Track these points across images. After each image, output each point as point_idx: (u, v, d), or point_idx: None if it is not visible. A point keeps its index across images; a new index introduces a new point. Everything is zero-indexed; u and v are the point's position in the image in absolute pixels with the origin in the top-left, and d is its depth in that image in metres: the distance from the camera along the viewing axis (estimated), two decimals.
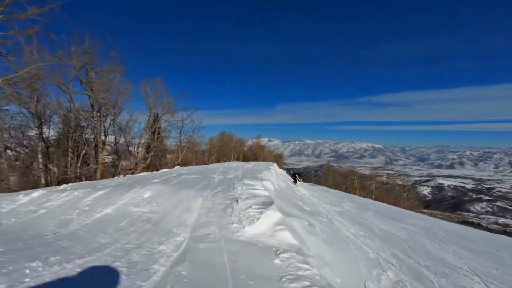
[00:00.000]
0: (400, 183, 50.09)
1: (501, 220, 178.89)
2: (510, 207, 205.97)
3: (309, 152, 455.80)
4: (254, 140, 66.04)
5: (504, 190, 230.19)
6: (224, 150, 49.33)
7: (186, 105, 32.25)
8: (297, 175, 23.67)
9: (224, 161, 42.86)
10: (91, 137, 21.31)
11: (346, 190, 45.87)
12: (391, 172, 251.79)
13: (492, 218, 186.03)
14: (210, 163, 37.34)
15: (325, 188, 32.21)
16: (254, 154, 57.20)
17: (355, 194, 42.97)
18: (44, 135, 19.60)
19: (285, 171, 37.04)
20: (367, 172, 69.93)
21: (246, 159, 56.27)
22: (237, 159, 55.67)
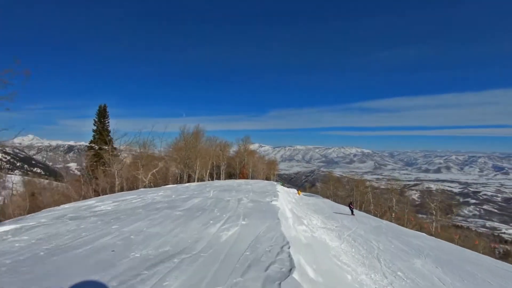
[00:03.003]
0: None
1: (488, 223, 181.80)
2: (496, 210, 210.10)
3: (300, 158, 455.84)
4: (241, 144, 55.55)
5: (489, 193, 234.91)
6: (193, 157, 36.53)
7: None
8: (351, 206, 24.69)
9: (187, 176, 35.44)
10: None
11: (359, 207, 43.15)
12: (380, 177, 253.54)
13: (480, 221, 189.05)
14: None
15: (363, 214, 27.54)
16: (242, 162, 51.00)
17: (369, 210, 40.53)
18: None
19: (279, 181, 34.63)
20: (356, 177, 67.59)
21: (230, 167, 51.47)
22: (217, 168, 48.53)
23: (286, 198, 21.61)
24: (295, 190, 43.54)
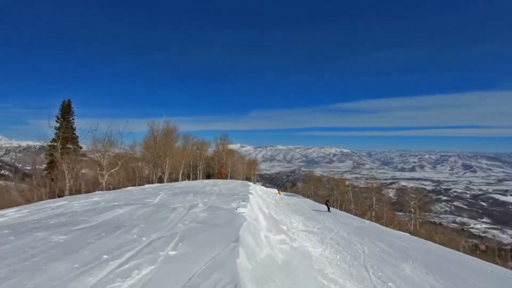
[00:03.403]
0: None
1: (458, 219, 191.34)
2: (465, 207, 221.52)
3: (281, 158, 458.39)
4: (219, 143, 52.04)
5: (459, 190, 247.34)
6: (163, 155, 32.69)
7: None
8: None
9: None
10: None
11: (340, 206, 42.98)
12: (358, 176, 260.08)
13: (450, 217, 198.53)
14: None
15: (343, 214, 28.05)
16: (220, 161, 48.54)
17: (350, 210, 40.16)
18: None
19: (260, 181, 33.21)
20: (336, 177, 67.83)
21: (209, 168, 49.22)
22: (194, 168, 46.29)
23: (265, 199, 20.26)
24: (275, 190, 42.58)
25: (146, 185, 18.92)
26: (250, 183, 22.09)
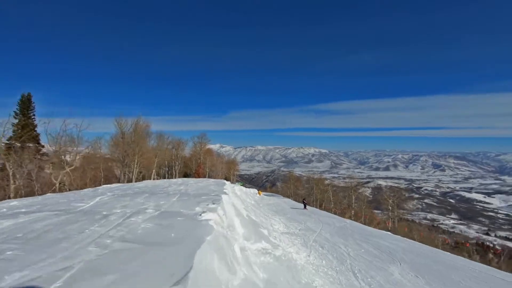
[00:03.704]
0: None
1: (429, 216, 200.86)
2: (435, 204, 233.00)
3: (261, 158, 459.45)
4: (197, 142, 48.88)
5: (430, 188, 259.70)
6: (132, 153, 29.45)
7: None
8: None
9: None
10: None
11: (319, 205, 42.79)
12: (336, 175, 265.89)
13: (422, 214, 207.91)
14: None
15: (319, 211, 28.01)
16: (198, 161, 46.89)
17: (330, 209, 39.86)
18: None
19: (240, 182, 32.06)
20: (315, 176, 68.06)
21: (187, 168, 47.33)
22: (171, 169, 44.22)
23: (244, 200, 19.03)
24: (255, 191, 41.79)
25: (103, 186, 16.85)
26: (227, 182, 20.39)
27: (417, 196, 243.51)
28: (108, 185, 16.91)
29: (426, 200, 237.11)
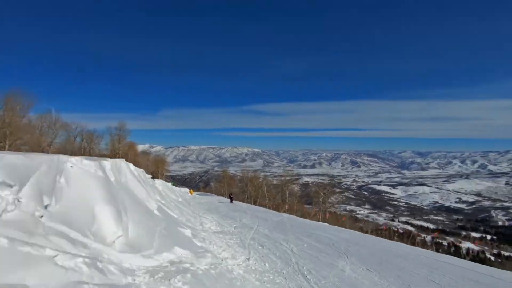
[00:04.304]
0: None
1: (348, 207, 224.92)
2: (353, 196, 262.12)
3: (194, 158, 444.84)
4: (114, 134, 40.43)
5: (348, 183, 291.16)
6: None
7: None
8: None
9: None
10: None
11: (254, 202, 41.44)
12: (269, 173, 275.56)
13: (343, 206, 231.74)
14: None
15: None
16: (116, 156, 38.04)
17: (264, 204, 38.63)
18: None
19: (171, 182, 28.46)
20: (249, 174, 67.46)
21: None
22: None
23: (167, 195, 15.92)
24: (187, 189, 39.71)
25: None
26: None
27: (338, 190, 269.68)
28: None
29: (345, 193, 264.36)
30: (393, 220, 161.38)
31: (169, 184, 47.78)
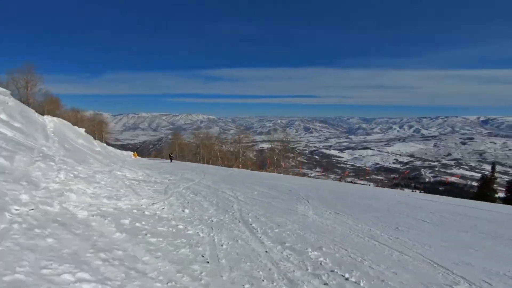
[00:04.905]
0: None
1: (302, 171, 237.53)
2: (305, 161, 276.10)
3: (146, 126, 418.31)
4: (18, 78, 29.81)
5: (301, 148, 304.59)
6: None
7: None
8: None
9: None
10: None
11: (206, 162, 39.01)
12: (225, 140, 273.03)
13: (296, 169, 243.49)
14: None
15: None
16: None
17: (217, 164, 36.21)
18: None
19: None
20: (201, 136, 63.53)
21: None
22: None
23: (90, 147, 12.16)
24: (130, 153, 36.15)
25: None
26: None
27: (292, 155, 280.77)
28: None
29: (298, 158, 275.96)
30: (340, 181, 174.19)
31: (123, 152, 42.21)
